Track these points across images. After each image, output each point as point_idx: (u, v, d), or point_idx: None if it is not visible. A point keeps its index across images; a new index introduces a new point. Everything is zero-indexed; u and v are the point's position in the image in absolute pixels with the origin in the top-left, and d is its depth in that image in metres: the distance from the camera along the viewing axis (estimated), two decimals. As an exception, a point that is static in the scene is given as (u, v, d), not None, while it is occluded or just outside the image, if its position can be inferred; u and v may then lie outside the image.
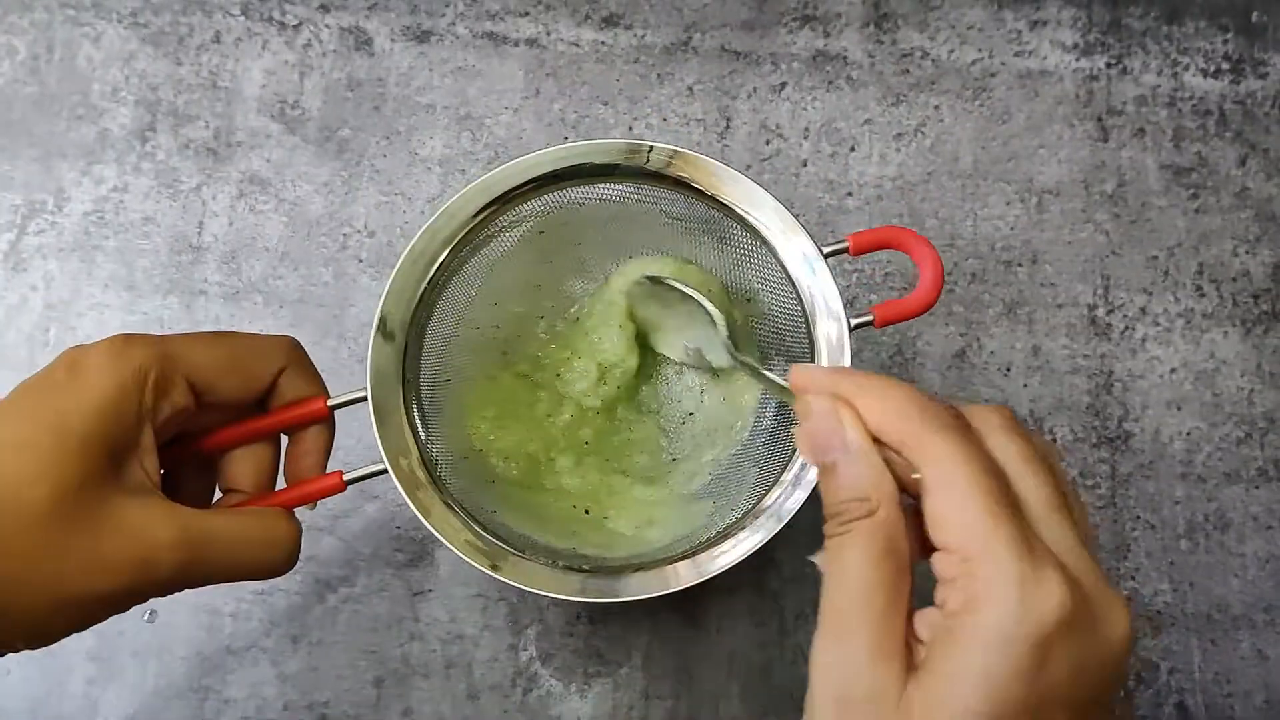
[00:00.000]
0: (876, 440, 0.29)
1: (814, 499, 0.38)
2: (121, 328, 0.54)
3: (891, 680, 0.27)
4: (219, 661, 0.50)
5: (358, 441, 0.49)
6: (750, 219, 0.43)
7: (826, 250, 0.42)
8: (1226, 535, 0.52)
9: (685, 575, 0.40)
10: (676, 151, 0.43)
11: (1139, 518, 0.52)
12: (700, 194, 0.44)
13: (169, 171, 0.56)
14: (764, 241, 0.43)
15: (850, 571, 0.28)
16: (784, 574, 0.51)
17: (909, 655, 0.27)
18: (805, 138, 0.56)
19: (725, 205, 0.43)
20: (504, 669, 0.50)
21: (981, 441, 0.28)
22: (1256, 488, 0.53)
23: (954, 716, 0.26)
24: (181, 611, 0.51)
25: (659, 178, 0.44)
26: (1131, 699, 0.51)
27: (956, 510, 0.27)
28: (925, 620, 0.28)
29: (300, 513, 0.53)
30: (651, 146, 0.43)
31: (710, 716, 0.50)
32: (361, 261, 0.55)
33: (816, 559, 0.31)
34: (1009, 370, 0.54)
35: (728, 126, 0.57)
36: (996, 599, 0.26)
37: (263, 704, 0.50)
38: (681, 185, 0.44)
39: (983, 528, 0.26)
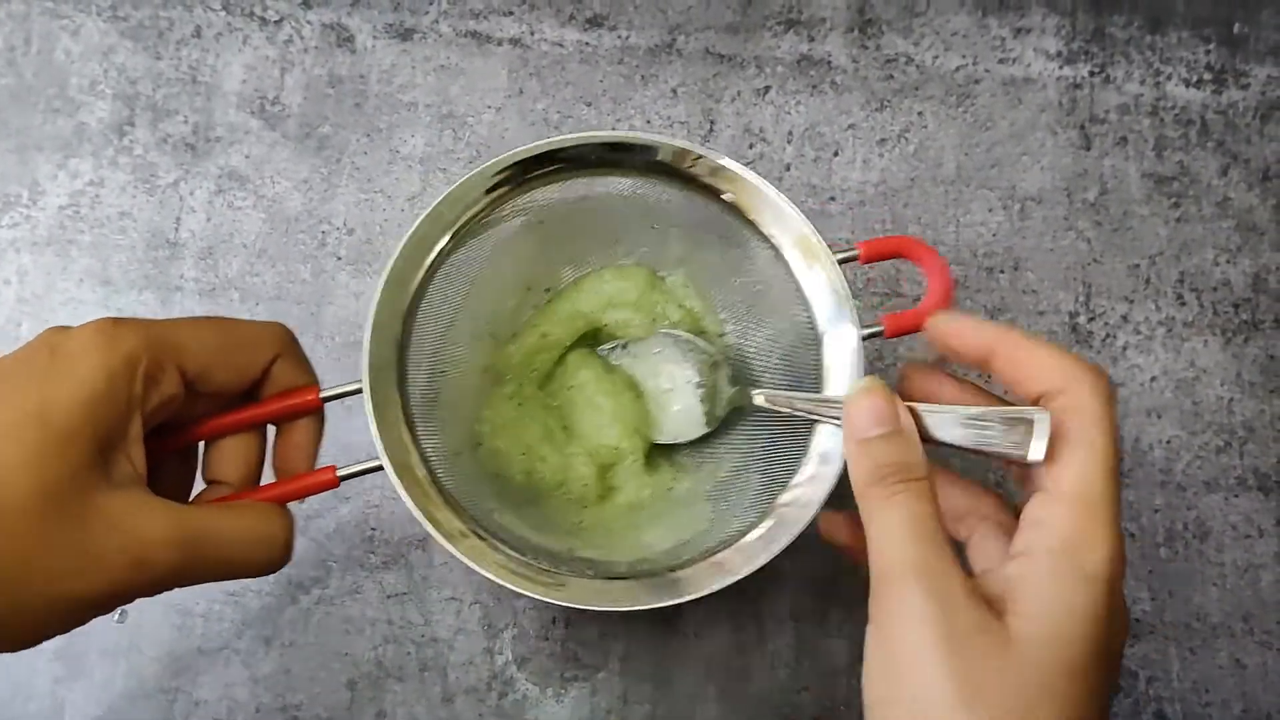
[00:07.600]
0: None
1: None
2: (95, 323, 0.53)
3: (991, 615, 0.30)
4: (190, 662, 0.50)
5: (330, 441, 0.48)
6: (766, 231, 0.42)
7: (838, 258, 0.41)
8: (1206, 544, 0.52)
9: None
10: (721, 167, 0.42)
11: (1118, 525, 0.52)
12: (716, 197, 0.43)
13: (146, 166, 0.55)
14: (776, 253, 0.42)
15: (914, 520, 0.31)
16: (762, 578, 0.50)
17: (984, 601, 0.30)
18: (788, 142, 0.56)
19: (749, 220, 0.43)
20: (479, 672, 0.50)
21: None
22: (1236, 496, 0.53)
23: (1060, 652, 0.29)
24: (152, 611, 0.50)
25: (669, 173, 0.43)
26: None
27: (1084, 460, 0.32)
28: (992, 576, 0.31)
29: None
30: (699, 156, 0.42)
31: (687, 722, 0.50)
32: (340, 259, 0.54)
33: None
34: (990, 377, 0.54)
35: (711, 129, 0.56)
36: (1101, 541, 0.30)
37: (234, 706, 0.49)
38: (691, 183, 0.43)
39: (1103, 479, 0.31)
